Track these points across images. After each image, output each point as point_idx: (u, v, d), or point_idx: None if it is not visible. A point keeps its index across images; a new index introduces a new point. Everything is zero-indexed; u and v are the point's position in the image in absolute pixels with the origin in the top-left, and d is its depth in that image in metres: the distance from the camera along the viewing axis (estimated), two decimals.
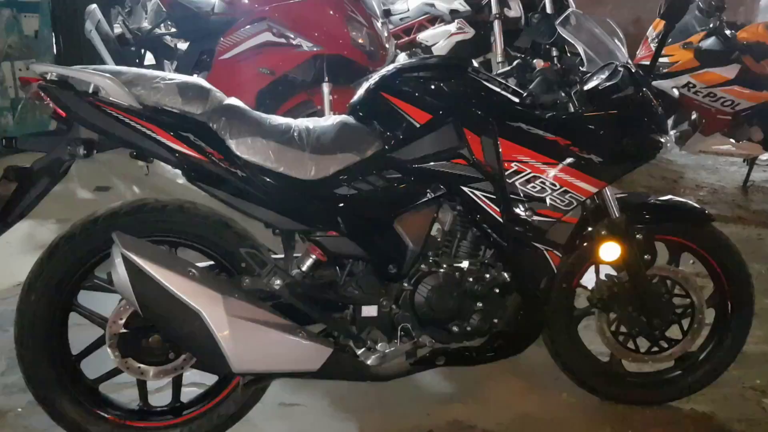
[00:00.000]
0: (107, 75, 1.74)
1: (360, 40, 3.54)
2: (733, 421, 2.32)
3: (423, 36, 5.93)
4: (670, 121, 5.06)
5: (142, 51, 4.68)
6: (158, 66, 4.59)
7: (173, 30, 4.65)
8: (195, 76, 4.24)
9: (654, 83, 4.24)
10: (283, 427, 2.20)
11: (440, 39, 5.71)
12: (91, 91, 1.75)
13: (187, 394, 2.09)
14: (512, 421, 2.26)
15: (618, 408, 2.33)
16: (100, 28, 4.40)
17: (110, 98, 1.74)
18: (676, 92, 4.48)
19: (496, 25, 4.46)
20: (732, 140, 4.64)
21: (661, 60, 4.31)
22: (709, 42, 4.37)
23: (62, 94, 1.73)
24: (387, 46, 3.74)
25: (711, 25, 4.50)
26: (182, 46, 4.43)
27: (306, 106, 3.72)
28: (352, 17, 3.55)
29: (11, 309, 1.92)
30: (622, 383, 2.35)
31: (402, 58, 6.10)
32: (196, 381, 2.18)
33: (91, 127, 1.76)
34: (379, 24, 3.75)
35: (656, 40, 4.55)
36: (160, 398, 2.07)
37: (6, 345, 2.36)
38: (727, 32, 4.41)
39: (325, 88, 3.57)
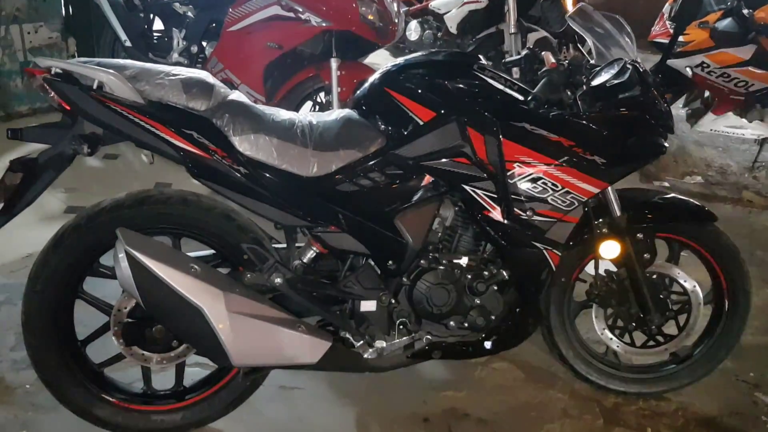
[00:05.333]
0: (111, 71, 1.74)
1: (369, 17, 3.49)
2: (724, 414, 2.36)
3: (435, 3, 5.84)
4: (682, 99, 5.00)
5: (151, 17, 4.63)
6: (167, 33, 4.54)
7: None
8: (204, 44, 4.24)
9: (668, 62, 4.17)
10: (282, 410, 2.26)
11: (453, 7, 5.63)
12: (95, 86, 1.75)
13: (191, 374, 2.15)
14: (506, 410, 2.31)
15: (611, 399, 2.38)
16: None
17: (114, 94, 1.75)
18: (689, 71, 4.40)
19: None
20: (744, 120, 4.58)
21: None
22: (726, 23, 4.27)
23: (66, 88, 1.74)
24: (396, 21, 3.68)
25: (729, 3, 4.41)
26: (192, 13, 4.38)
27: (314, 80, 3.70)
28: None
29: (20, 283, 1.94)
30: (616, 375, 2.39)
31: (413, 26, 6.05)
32: (199, 362, 2.22)
33: (95, 122, 1.77)
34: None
35: (671, 18, 4.47)
36: (163, 381, 2.13)
37: (16, 319, 2.40)
38: (745, 12, 4.30)
39: (333, 63, 3.54)
